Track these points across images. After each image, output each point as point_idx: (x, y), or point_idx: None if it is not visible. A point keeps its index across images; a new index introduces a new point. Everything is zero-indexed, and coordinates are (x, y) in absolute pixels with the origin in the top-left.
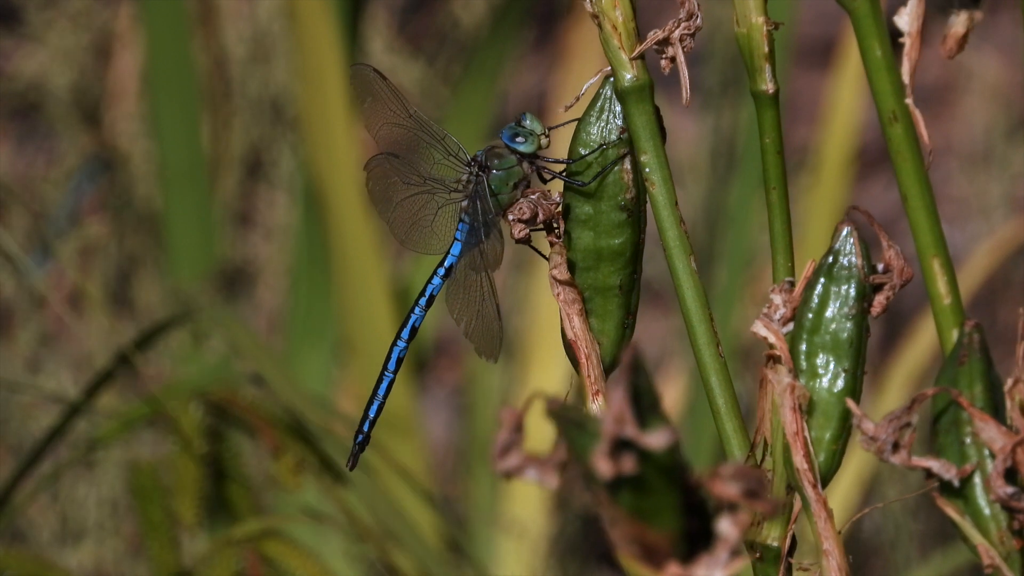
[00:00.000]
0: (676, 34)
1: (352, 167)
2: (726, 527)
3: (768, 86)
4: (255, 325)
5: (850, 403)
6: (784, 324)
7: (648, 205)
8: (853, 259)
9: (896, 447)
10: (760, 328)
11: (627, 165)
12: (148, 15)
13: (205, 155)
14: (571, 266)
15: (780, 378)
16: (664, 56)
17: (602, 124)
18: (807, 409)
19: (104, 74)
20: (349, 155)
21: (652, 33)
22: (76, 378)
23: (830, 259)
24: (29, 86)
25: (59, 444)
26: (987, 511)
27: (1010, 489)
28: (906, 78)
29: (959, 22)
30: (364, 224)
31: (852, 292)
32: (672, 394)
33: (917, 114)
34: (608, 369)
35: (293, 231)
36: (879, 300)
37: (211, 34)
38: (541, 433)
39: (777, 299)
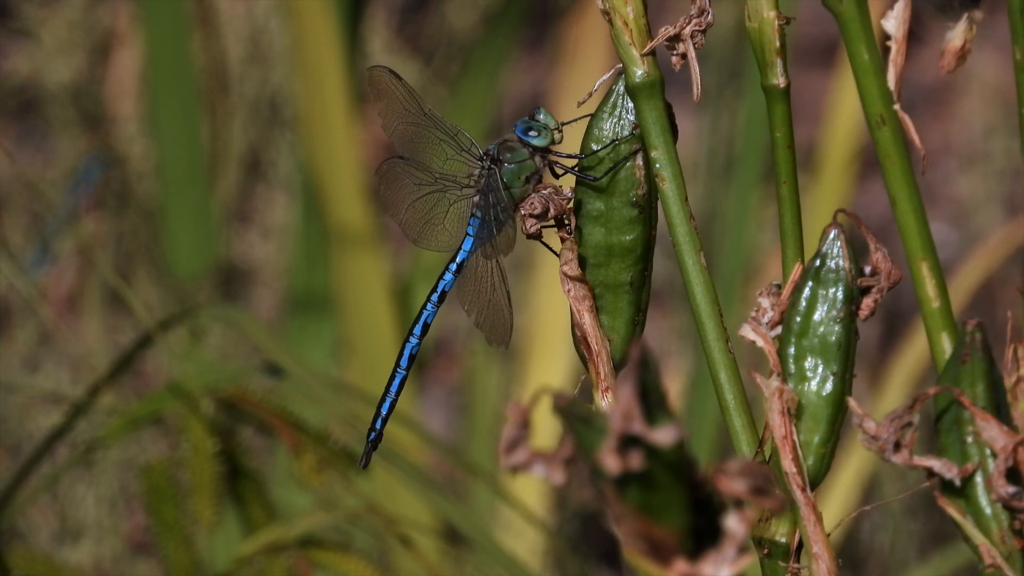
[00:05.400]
0: (687, 30)
1: (351, 166)
2: (733, 523)
3: (779, 80)
4: None
5: (852, 403)
6: (772, 328)
7: (658, 202)
8: (840, 262)
9: (898, 446)
10: (748, 332)
11: (639, 161)
12: (147, 14)
13: (204, 154)
14: (582, 262)
15: (768, 382)
16: (675, 53)
17: (615, 120)
18: (795, 413)
19: (103, 73)
20: (348, 154)
21: (663, 29)
22: (74, 377)
23: (817, 262)
24: (27, 84)
25: (58, 443)
26: (988, 511)
27: (1012, 489)
28: (893, 83)
29: (956, 35)
30: (363, 223)
31: (840, 295)
32: (670, 395)
33: (906, 119)
34: (618, 366)
35: (292, 230)
36: (867, 303)
37: (210, 33)
38: (542, 430)
39: (765, 302)
